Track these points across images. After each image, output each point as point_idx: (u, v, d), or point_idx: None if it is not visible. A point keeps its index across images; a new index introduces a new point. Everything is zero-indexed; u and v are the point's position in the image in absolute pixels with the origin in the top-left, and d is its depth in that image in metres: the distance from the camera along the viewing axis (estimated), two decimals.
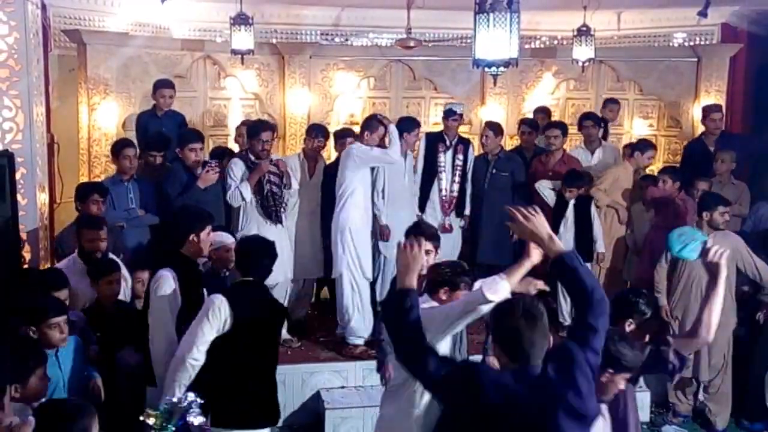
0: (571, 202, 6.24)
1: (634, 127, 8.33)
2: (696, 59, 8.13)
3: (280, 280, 5.86)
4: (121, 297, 4.48)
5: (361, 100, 7.91)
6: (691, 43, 8.50)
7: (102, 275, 4.26)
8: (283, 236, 5.89)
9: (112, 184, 5.60)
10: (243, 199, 5.61)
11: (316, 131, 6.35)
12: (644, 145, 6.82)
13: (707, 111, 7.33)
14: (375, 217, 6.22)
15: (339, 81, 7.77)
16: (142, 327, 3.91)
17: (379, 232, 6.20)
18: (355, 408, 5.40)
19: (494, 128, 6.69)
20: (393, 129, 5.93)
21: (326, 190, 6.18)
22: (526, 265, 3.21)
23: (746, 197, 6.56)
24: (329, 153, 6.90)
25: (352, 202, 5.81)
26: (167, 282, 3.80)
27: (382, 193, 6.31)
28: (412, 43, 7.52)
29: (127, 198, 5.56)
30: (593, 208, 6.33)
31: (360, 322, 5.84)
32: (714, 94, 8.08)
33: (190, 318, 3.78)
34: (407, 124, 6.42)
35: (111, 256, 4.72)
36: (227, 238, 4.72)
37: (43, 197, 5.71)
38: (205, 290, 4.01)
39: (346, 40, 8.25)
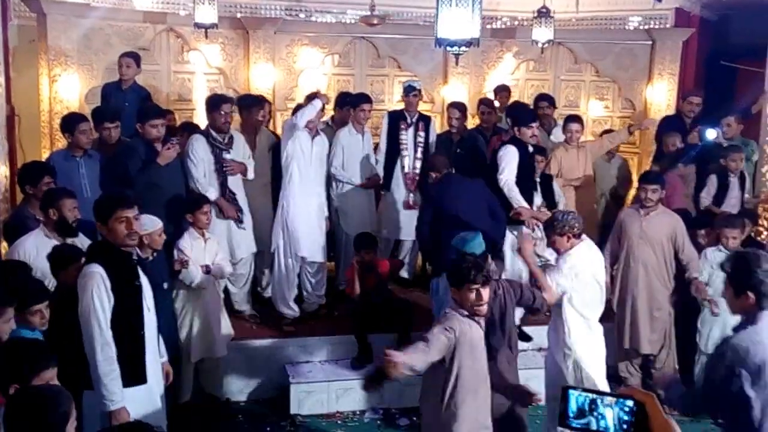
0: (536, 180, 6.20)
1: (590, 108, 8.57)
2: (650, 42, 8.38)
3: (245, 255, 5.99)
4: None
5: (325, 77, 7.95)
6: (646, 27, 8.72)
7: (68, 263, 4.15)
8: (245, 213, 5.98)
9: (64, 159, 5.44)
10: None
11: (250, 102, 6.37)
12: (568, 120, 6.90)
13: (687, 94, 7.61)
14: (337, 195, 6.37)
15: (303, 57, 7.79)
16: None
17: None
18: (320, 382, 5.54)
19: (461, 109, 6.84)
20: (314, 102, 5.85)
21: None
22: None
23: (694, 177, 6.89)
24: None
25: (288, 177, 5.87)
26: (94, 279, 3.55)
27: (341, 168, 6.43)
28: (375, 21, 7.58)
29: (78, 174, 5.39)
30: (554, 184, 6.44)
31: (285, 298, 6.01)
32: (667, 77, 8.36)
33: (125, 314, 3.64)
34: (351, 99, 6.59)
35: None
36: (157, 223, 4.69)
37: (3, 170, 5.66)
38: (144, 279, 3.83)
39: (310, 16, 8.25)
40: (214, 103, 5.79)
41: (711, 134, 7.05)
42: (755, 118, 7.52)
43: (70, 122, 5.54)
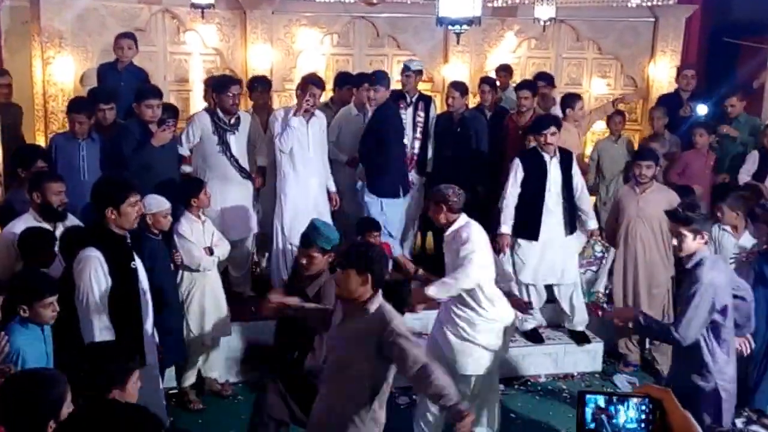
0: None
1: (593, 86, 8.49)
2: (653, 19, 8.30)
3: (246, 234, 5.95)
4: None
5: (324, 57, 7.86)
6: (649, 4, 8.62)
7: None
8: (246, 191, 5.95)
9: (65, 140, 5.47)
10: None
11: (258, 84, 6.38)
12: (571, 99, 6.81)
13: (680, 68, 7.61)
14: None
15: (302, 37, 7.69)
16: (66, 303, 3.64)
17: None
18: None
19: (460, 88, 6.74)
20: (291, 122, 5.69)
21: None
22: None
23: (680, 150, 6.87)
24: None
25: (281, 171, 5.84)
26: (91, 264, 3.54)
27: (333, 146, 6.36)
28: (375, 0, 7.48)
29: (78, 156, 5.38)
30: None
31: (284, 280, 5.91)
32: (670, 54, 8.28)
33: (122, 297, 3.62)
34: (353, 79, 6.55)
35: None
36: (164, 204, 4.71)
37: None
38: (139, 261, 3.85)
39: None
40: (223, 84, 5.75)
41: (702, 109, 7.06)
42: (758, 94, 7.46)
43: (69, 109, 5.56)
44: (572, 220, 5.80)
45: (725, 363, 3.91)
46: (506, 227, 5.72)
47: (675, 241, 4.01)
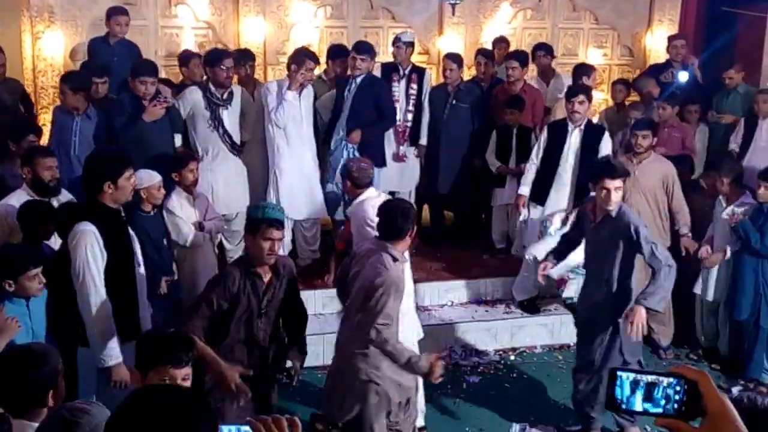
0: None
1: (589, 56, 8.39)
2: None
3: (240, 209, 5.92)
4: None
5: (317, 30, 7.76)
6: None
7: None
8: (239, 166, 5.92)
9: (62, 114, 5.48)
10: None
11: (242, 57, 6.34)
12: (585, 69, 6.76)
13: (671, 39, 7.53)
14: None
15: (295, 10, 7.57)
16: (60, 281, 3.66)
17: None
18: (315, 335, 5.45)
19: (457, 60, 6.67)
20: (287, 96, 5.73)
21: None
22: None
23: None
24: None
25: (274, 148, 5.84)
26: (87, 237, 3.54)
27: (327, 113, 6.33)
28: None
29: (71, 131, 5.38)
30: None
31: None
32: (667, 24, 8.19)
33: (118, 271, 3.65)
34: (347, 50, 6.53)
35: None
36: (155, 177, 4.71)
37: None
38: (132, 234, 3.87)
39: None
40: (216, 57, 5.70)
41: (683, 76, 7.04)
42: (757, 64, 7.39)
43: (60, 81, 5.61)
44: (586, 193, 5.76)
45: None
46: (524, 188, 6.05)
47: (615, 196, 4.29)
